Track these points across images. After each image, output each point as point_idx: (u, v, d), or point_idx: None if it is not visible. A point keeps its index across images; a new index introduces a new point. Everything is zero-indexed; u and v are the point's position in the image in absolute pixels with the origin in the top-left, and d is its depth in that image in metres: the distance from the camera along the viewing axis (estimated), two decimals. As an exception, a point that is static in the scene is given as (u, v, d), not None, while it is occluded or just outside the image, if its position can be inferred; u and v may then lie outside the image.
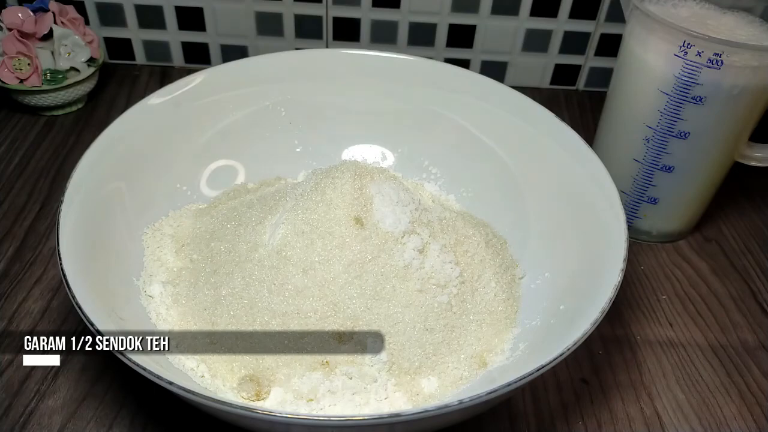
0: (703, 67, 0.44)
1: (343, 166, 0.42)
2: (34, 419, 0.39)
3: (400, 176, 0.51)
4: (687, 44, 0.43)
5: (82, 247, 0.37)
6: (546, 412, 0.42)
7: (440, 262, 0.41)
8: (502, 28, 0.68)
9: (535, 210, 0.47)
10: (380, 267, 0.39)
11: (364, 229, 0.40)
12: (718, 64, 0.43)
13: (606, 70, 0.70)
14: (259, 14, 0.67)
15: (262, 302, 0.39)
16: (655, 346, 0.46)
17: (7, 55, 0.58)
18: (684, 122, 0.46)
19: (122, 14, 0.68)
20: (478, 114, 0.50)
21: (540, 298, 0.42)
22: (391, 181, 0.43)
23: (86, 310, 0.32)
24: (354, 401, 0.37)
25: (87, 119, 0.63)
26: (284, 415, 0.29)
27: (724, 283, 0.52)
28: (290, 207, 0.41)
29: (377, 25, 0.68)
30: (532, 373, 0.31)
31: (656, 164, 0.49)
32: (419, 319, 0.39)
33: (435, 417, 0.30)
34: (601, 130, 0.54)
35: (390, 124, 0.53)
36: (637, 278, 0.51)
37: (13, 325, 0.44)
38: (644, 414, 0.42)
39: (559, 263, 0.43)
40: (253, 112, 0.51)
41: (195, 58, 0.71)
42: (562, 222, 0.44)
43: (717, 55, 0.43)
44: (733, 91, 0.44)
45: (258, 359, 0.38)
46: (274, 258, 0.40)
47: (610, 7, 0.66)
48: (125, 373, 0.41)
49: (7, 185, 0.55)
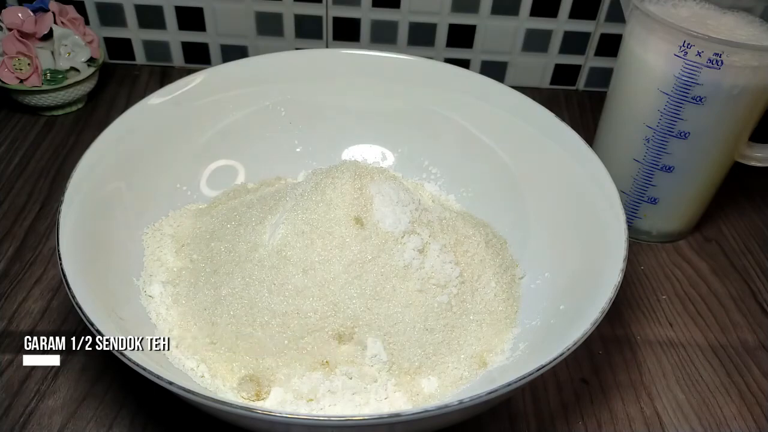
0: (703, 67, 0.44)
1: (343, 166, 0.42)
2: (34, 419, 0.39)
3: (400, 176, 0.51)
4: (687, 44, 0.43)
5: (82, 247, 0.37)
6: (546, 412, 0.42)
7: (440, 262, 0.41)
8: (502, 28, 0.68)
9: (535, 210, 0.47)
10: (380, 267, 0.39)
11: (364, 229, 0.40)
12: (718, 64, 0.43)
13: (606, 70, 0.70)
14: (259, 14, 0.67)
15: (262, 302, 0.39)
16: (655, 346, 0.46)
17: (7, 55, 0.58)
18: (684, 122, 0.46)
19: (122, 14, 0.68)
20: (478, 114, 0.51)
21: (540, 298, 0.42)
22: (391, 181, 0.43)
23: (86, 310, 0.32)
24: (354, 401, 0.37)
25: (87, 119, 0.63)
26: (284, 415, 0.29)
27: (724, 283, 0.52)
28: (290, 207, 0.41)
29: (377, 25, 0.68)
30: (532, 373, 0.31)
31: (656, 164, 0.49)
32: (419, 319, 0.39)
33: (435, 417, 0.30)
34: (601, 130, 0.54)
35: (390, 124, 0.53)
36: (637, 278, 0.51)
37: (13, 325, 0.44)
38: (644, 414, 0.42)
39: (559, 263, 0.43)
40: (253, 112, 0.51)
41: (195, 58, 0.71)
42: (562, 222, 0.44)
43: (717, 55, 0.43)
44: (733, 91, 0.44)
45: (258, 359, 0.38)
46: (274, 258, 0.40)
47: (610, 7, 0.66)
48: (125, 373, 0.41)
49: (7, 185, 0.55)
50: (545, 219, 0.46)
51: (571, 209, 0.44)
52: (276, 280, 0.39)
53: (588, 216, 0.42)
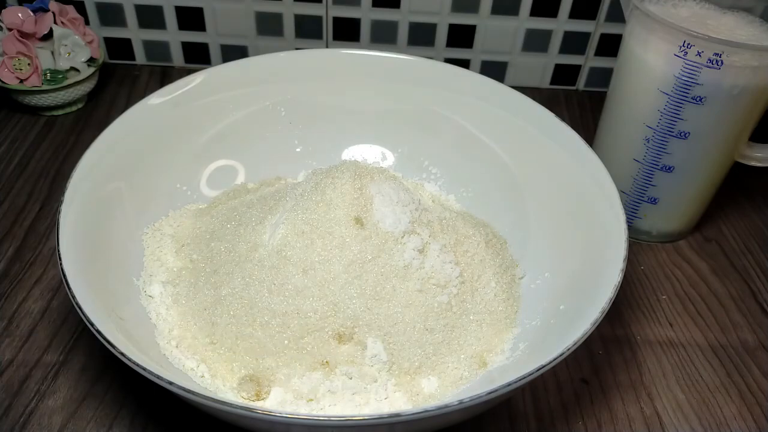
0: (703, 67, 0.44)
1: (343, 166, 0.42)
2: (34, 419, 0.39)
3: (400, 176, 0.51)
4: (687, 44, 0.43)
5: (82, 247, 0.37)
6: (546, 412, 0.42)
7: (440, 262, 0.41)
8: (502, 28, 0.68)
9: (535, 210, 0.47)
10: (380, 267, 0.39)
11: (364, 229, 0.40)
12: (718, 64, 0.43)
13: (606, 70, 0.70)
14: (259, 14, 0.67)
15: (262, 302, 0.39)
16: (655, 346, 0.46)
17: (7, 55, 0.58)
18: (684, 122, 0.46)
19: (122, 14, 0.68)
20: (478, 114, 0.50)
21: (540, 298, 0.42)
22: (391, 181, 0.43)
23: (86, 310, 0.32)
24: (354, 401, 0.37)
25: (87, 119, 0.63)
26: (284, 415, 0.29)
27: (724, 283, 0.52)
28: (290, 207, 0.41)
29: (377, 25, 0.68)
30: (532, 373, 0.31)
31: (656, 164, 0.49)
32: (419, 319, 0.39)
33: (435, 417, 0.30)
34: (601, 130, 0.54)
35: (390, 124, 0.53)
36: (637, 278, 0.51)
37: (13, 325, 0.44)
38: (644, 414, 0.42)
39: (559, 263, 0.43)
40: (253, 112, 0.51)
41: (195, 58, 0.71)
42: (562, 222, 0.44)
43: (717, 55, 0.43)
44: (733, 91, 0.44)
45: (258, 359, 0.38)
46: (274, 258, 0.40)
47: (610, 7, 0.66)
48: (125, 373, 0.41)
49: (7, 185, 0.55)
50: (545, 219, 0.46)
51: (571, 209, 0.44)
52: (276, 280, 0.39)
53: (588, 216, 0.42)
